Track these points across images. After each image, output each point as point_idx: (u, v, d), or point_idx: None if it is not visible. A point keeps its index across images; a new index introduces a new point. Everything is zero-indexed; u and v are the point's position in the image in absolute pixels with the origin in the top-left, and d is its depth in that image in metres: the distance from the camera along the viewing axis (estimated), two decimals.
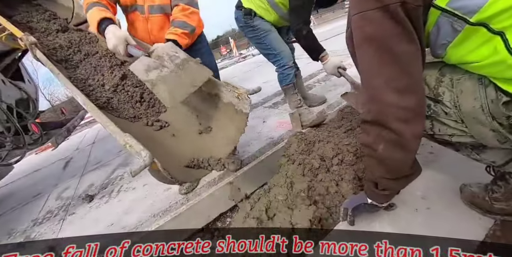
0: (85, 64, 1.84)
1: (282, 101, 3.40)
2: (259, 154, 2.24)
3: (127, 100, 1.58)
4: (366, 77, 0.83)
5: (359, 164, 1.50)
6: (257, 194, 1.37)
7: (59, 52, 1.90)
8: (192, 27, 1.67)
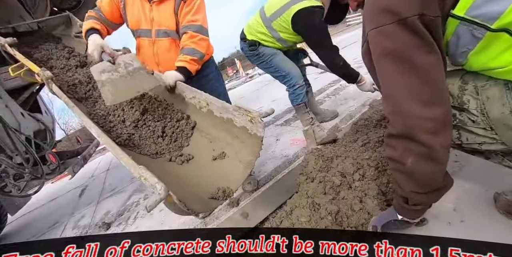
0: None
1: (293, 117, 3.40)
2: (275, 173, 2.20)
3: (149, 136, 1.56)
4: (389, 91, 0.82)
5: (381, 178, 1.44)
6: (278, 217, 1.32)
7: (78, 88, 1.94)
8: (201, 54, 1.68)
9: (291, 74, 2.27)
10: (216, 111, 1.45)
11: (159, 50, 1.83)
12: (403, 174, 0.86)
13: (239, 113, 1.28)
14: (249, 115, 1.21)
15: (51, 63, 2.23)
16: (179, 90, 1.64)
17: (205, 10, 1.78)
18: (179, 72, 1.61)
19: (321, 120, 2.72)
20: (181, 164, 1.43)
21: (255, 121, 1.20)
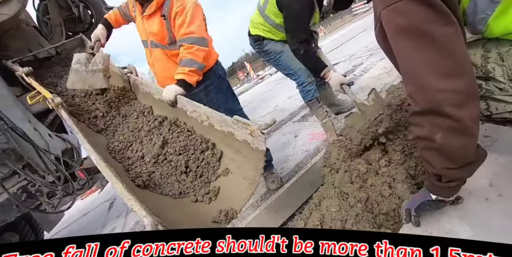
0: (123, 129, 1.86)
1: (310, 113, 3.35)
2: (298, 169, 2.18)
3: (171, 173, 1.42)
4: (408, 69, 0.80)
5: (409, 161, 1.39)
6: (307, 209, 1.30)
7: (99, 120, 1.98)
8: (199, 64, 1.62)
9: (298, 72, 2.25)
10: (217, 125, 1.38)
11: (154, 60, 1.90)
12: (434, 151, 0.82)
13: (238, 126, 1.20)
14: (248, 128, 1.12)
15: (73, 92, 2.30)
16: (180, 104, 1.58)
17: (200, 18, 1.70)
18: (179, 85, 1.56)
19: (338, 111, 2.66)
20: (208, 203, 1.29)
21: (255, 135, 1.11)
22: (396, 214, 1.18)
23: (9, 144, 2.38)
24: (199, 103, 1.44)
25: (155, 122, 1.73)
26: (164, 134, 1.58)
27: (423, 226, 1.02)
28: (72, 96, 2.26)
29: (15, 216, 2.46)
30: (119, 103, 2.09)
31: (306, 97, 2.33)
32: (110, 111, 2.02)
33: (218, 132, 1.38)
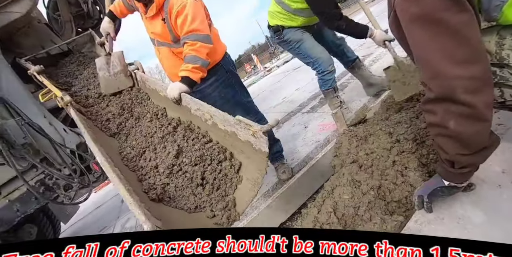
0: (136, 133, 1.79)
1: (319, 104, 3.35)
2: (308, 159, 2.20)
3: (186, 185, 1.32)
4: (423, 56, 0.80)
5: (420, 150, 1.39)
6: (320, 196, 1.32)
7: (111, 123, 1.95)
8: (203, 61, 1.61)
9: (319, 60, 2.25)
10: (220, 124, 1.34)
11: (162, 57, 1.92)
12: (447, 137, 0.83)
13: (241, 126, 1.17)
14: (251, 129, 1.09)
15: (87, 92, 2.33)
16: (185, 102, 1.55)
17: (202, 15, 1.69)
18: (183, 82, 1.55)
19: (377, 91, 2.56)
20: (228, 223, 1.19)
21: (257, 136, 1.08)
22: (409, 202, 1.19)
23: (26, 139, 2.46)
24: (202, 102, 1.40)
25: (168, 127, 1.63)
26: (178, 142, 1.49)
27: (436, 212, 1.03)
28: (86, 96, 2.29)
29: (34, 208, 2.55)
30: (132, 104, 2.06)
31: (323, 85, 2.34)
32: (123, 113, 2.00)
33: (222, 131, 1.35)
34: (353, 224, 1.13)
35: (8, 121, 2.47)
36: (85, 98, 2.28)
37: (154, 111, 1.84)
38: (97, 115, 2.03)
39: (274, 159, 2.17)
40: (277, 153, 2.18)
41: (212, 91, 1.86)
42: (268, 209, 1.78)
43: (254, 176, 1.21)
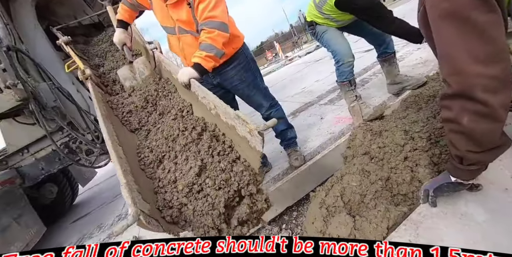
0: (157, 133, 1.64)
1: (337, 97, 3.35)
2: (320, 150, 2.24)
3: (206, 211, 1.11)
4: (447, 51, 0.82)
5: (433, 149, 1.42)
6: (329, 181, 1.38)
7: (133, 116, 1.80)
8: (218, 50, 1.58)
9: (337, 51, 2.27)
10: (222, 116, 1.30)
11: (184, 46, 1.86)
12: (459, 133, 0.86)
13: (239, 122, 1.11)
14: (247, 126, 1.05)
15: (115, 76, 2.24)
16: (193, 88, 1.53)
17: (223, 4, 1.67)
18: (194, 69, 1.54)
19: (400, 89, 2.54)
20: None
21: (253, 134, 1.04)
22: (415, 196, 1.23)
23: (56, 102, 2.60)
24: (208, 91, 1.37)
25: (193, 133, 1.46)
26: (202, 155, 1.31)
27: (440, 207, 1.07)
28: (113, 80, 2.23)
29: (57, 168, 2.73)
30: (157, 96, 1.91)
31: (339, 77, 2.36)
32: (147, 106, 1.86)
33: (223, 123, 1.31)
34: (358, 210, 1.19)
35: (41, 84, 2.61)
36: (112, 82, 2.21)
37: (180, 107, 1.72)
38: (119, 105, 1.91)
39: (288, 145, 2.23)
40: (291, 139, 2.23)
41: (234, 75, 1.91)
42: (277, 191, 1.85)
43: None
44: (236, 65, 1.90)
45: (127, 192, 0.89)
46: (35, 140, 2.67)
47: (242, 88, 1.93)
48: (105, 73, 2.35)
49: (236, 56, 1.89)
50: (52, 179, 3.67)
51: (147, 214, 0.90)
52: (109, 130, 1.37)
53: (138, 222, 0.81)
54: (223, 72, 1.88)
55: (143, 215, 0.84)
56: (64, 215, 4.15)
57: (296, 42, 20.49)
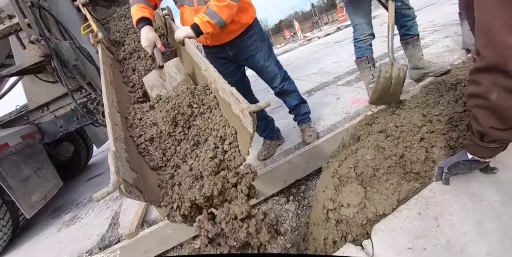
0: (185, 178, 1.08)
1: (356, 79, 3.30)
2: (334, 128, 2.25)
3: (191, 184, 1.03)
4: (485, 22, 0.79)
5: (451, 133, 1.41)
6: (343, 153, 1.40)
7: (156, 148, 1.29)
8: (220, 20, 1.56)
9: (356, 26, 2.23)
10: (220, 91, 1.22)
11: None
12: (485, 109, 0.85)
13: (233, 99, 1.05)
14: (240, 105, 0.99)
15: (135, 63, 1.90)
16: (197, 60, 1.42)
17: None
18: (192, 28, 1.53)
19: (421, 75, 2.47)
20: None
21: (245, 114, 0.98)
22: (427, 176, 1.24)
23: (77, 61, 2.63)
24: (210, 64, 1.28)
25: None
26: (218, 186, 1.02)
27: (452, 186, 1.08)
28: (133, 69, 1.83)
29: (75, 127, 2.81)
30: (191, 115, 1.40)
31: (356, 53, 2.32)
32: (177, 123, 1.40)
33: (221, 98, 1.24)
34: (370, 183, 1.21)
35: (62, 42, 2.63)
36: (132, 72, 1.80)
37: (221, 134, 1.24)
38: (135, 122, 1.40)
39: (302, 121, 2.24)
40: (304, 115, 2.24)
41: (251, 44, 1.90)
42: (288, 164, 1.89)
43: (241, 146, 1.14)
44: (253, 34, 1.89)
45: (113, 160, 0.88)
46: (55, 98, 2.74)
47: (258, 58, 1.92)
48: (126, 58, 1.95)
49: (253, 26, 1.88)
50: (70, 138, 3.81)
51: (130, 184, 0.88)
52: (110, 96, 1.31)
53: (119, 190, 0.80)
54: (241, 42, 1.86)
55: (125, 184, 0.84)
56: (79, 173, 4.35)
57: (316, 22, 19.79)
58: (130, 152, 1.13)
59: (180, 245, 1.87)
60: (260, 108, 0.91)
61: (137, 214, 2.08)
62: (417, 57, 2.47)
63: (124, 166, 0.96)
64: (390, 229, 0.98)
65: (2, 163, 2.26)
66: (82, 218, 2.64)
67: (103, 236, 2.10)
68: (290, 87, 2.08)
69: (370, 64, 2.31)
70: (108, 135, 1.03)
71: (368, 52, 2.28)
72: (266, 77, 2.02)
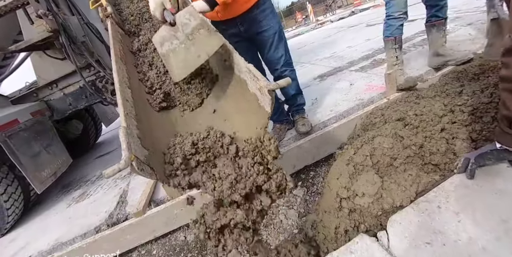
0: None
1: (370, 65, 3.18)
2: (347, 115, 2.19)
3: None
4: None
5: (474, 125, 1.34)
6: (359, 141, 1.35)
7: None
8: None
9: (390, 3, 2.10)
10: (236, 68, 1.17)
11: None
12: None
13: (250, 76, 1.02)
14: (258, 83, 0.95)
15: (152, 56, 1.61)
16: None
17: None
18: (206, 1, 1.52)
19: (441, 64, 2.35)
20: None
21: (262, 92, 0.94)
22: (447, 168, 1.19)
23: (85, 37, 2.57)
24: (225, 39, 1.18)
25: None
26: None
27: (476, 180, 1.03)
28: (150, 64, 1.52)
29: (84, 105, 2.80)
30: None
31: (386, 31, 2.20)
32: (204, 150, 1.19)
33: (236, 75, 1.19)
34: (386, 172, 1.17)
35: (71, 18, 2.56)
36: (148, 66, 1.51)
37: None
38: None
39: (296, 112, 2.19)
40: (300, 106, 2.19)
41: (262, 19, 1.82)
42: (298, 148, 1.85)
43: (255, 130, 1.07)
44: (265, 9, 1.82)
45: (124, 135, 0.85)
46: (64, 75, 2.70)
47: (268, 35, 1.85)
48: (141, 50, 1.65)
49: (264, 1, 1.80)
50: (79, 116, 3.82)
51: (142, 161, 0.86)
52: (120, 71, 1.23)
53: (131, 167, 0.78)
54: (252, 16, 1.79)
55: (137, 161, 0.81)
56: (88, 151, 4.39)
57: (330, 5, 19.10)
58: (141, 129, 1.08)
59: (186, 226, 1.89)
60: (280, 86, 0.86)
61: (145, 193, 2.09)
62: (440, 43, 2.35)
63: (136, 143, 0.93)
64: (408, 221, 0.94)
65: (13, 139, 2.27)
66: (91, 195, 2.68)
67: (111, 214, 2.13)
68: (291, 75, 2.02)
69: (397, 45, 2.20)
70: (119, 111, 0.99)
71: (399, 32, 2.16)
72: (271, 58, 1.95)
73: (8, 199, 2.36)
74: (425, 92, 1.91)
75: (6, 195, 2.34)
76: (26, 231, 2.46)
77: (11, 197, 2.38)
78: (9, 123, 2.31)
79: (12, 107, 2.62)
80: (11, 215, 2.42)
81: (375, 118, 1.78)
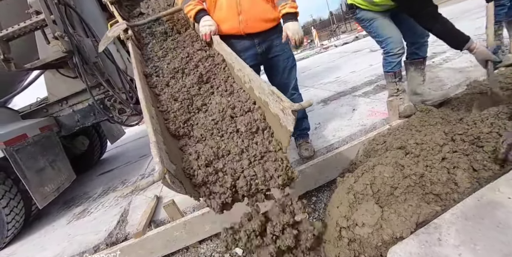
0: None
1: (373, 90, 3.24)
2: (349, 140, 2.20)
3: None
4: None
5: (475, 154, 1.35)
6: (360, 169, 1.36)
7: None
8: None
9: (388, 40, 2.14)
10: (256, 90, 1.28)
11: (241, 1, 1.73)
12: None
13: (273, 98, 1.09)
14: (281, 104, 1.03)
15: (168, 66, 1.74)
16: (230, 60, 1.50)
17: None
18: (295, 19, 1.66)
19: (419, 102, 2.35)
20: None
21: (286, 113, 1.01)
22: (448, 198, 1.19)
23: (97, 58, 2.68)
24: (245, 64, 1.35)
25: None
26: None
27: (476, 211, 1.02)
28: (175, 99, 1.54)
29: (91, 122, 2.86)
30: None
31: (385, 66, 2.25)
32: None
33: (257, 98, 1.30)
34: (387, 202, 1.17)
35: (85, 40, 2.68)
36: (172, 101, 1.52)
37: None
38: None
39: (300, 136, 2.21)
40: (304, 130, 2.22)
41: (278, 44, 1.88)
42: (300, 173, 1.85)
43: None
44: (281, 34, 1.84)
45: (156, 149, 0.89)
46: (74, 93, 2.80)
47: (282, 60, 1.92)
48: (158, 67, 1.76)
49: (281, 25, 1.85)
50: (85, 132, 3.89)
51: (173, 174, 0.90)
52: (145, 90, 1.38)
53: (163, 180, 0.81)
54: (271, 39, 1.86)
55: (169, 175, 0.85)
56: (92, 167, 4.44)
57: (334, 30, 19.70)
58: (167, 144, 1.18)
59: (186, 248, 1.86)
60: (303, 107, 0.95)
61: (146, 213, 2.08)
62: (417, 81, 2.38)
63: (165, 157, 0.99)
64: (407, 253, 0.94)
65: (20, 153, 2.31)
66: (91, 212, 2.67)
67: (111, 233, 2.11)
68: (298, 99, 2.06)
69: (397, 78, 2.25)
70: (147, 127, 1.07)
71: (398, 67, 2.21)
72: (283, 82, 1.99)
73: (10, 213, 2.36)
74: (426, 119, 1.93)
75: (8, 209, 2.35)
76: (25, 246, 2.44)
77: (12, 211, 2.39)
78: (18, 138, 2.37)
79: (21, 122, 2.69)
80: (11, 229, 2.42)
81: (377, 145, 1.80)
